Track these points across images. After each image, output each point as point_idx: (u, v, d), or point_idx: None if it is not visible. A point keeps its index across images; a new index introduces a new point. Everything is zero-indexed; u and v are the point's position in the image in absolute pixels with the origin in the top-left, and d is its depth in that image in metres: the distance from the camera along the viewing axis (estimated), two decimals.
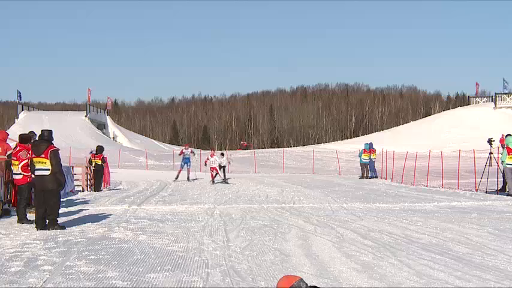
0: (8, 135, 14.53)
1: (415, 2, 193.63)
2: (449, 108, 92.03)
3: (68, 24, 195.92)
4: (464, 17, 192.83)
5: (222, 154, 30.47)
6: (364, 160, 30.92)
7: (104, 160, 24.18)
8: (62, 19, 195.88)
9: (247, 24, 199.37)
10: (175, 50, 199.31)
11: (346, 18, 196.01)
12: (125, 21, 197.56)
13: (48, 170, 11.21)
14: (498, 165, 19.45)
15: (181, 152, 30.35)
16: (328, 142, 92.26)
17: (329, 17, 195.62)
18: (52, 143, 11.51)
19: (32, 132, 14.74)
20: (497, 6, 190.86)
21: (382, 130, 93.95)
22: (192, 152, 30.50)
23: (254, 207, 15.55)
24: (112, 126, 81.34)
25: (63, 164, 12.07)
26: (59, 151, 11.60)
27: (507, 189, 18.67)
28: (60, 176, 11.34)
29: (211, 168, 27.97)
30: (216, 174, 27.72)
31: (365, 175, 30.62)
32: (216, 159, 27.98)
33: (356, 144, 54.79)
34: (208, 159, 28.32)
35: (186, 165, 29.61)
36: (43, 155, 11.24)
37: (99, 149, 24.45)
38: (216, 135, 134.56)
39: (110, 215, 13.80)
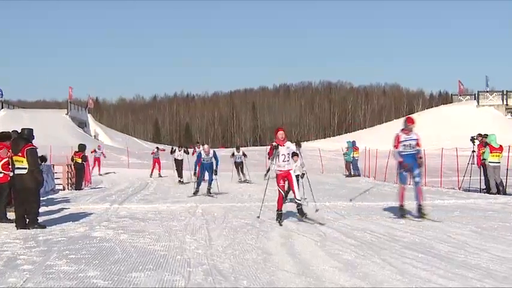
0: None
1: (398, 2, 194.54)
2: (432, 106, 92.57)
3: (48, 22, 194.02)
4: (446, 15, 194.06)
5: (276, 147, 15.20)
6: (351, 158, 31.14)
7: (84, 158, 23.99)
8: (42, 18, 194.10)
9: (229, 23, 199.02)
10: (157, 48, 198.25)
11: (329, 17, 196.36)
12: (106, 20, 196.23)
13: (26, 168, 11.11)
14: (479, 164, 19.45)
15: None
16: (311, 140, 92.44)
17: (312, 15, 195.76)
18: (30, 142, 11.39)
19: (14, 131, 14.58)
20: (479, 5, 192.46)
21: (365, 128, 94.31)
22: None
23: (237, 206, 15.51)
24: (93, 125, 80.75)
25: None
26: (37, 149, 11.49)
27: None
28: (37, 174, 11.23)
29: (279, 173, 12.58)
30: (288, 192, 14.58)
31: (352, 173, 30.81)
32: (291, 149, 12.53)
33: (339, 142, 54.86)
34: (276, 147, 12.22)
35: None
36: (20, 154, 11.14)
37: (81, 147, 24.26)
38: (198, 133, 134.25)
39: (91, 213, 13.70)
